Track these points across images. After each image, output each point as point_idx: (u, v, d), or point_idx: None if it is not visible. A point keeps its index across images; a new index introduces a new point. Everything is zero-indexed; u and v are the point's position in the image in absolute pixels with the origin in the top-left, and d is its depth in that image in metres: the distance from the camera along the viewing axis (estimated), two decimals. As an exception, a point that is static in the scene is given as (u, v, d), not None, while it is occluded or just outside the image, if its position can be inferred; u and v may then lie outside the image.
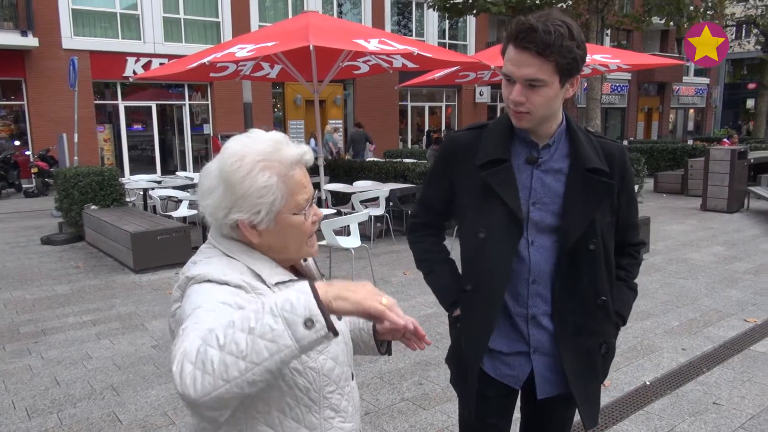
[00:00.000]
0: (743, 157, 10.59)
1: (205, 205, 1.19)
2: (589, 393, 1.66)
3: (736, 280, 6.03)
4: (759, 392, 3.54)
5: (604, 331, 1.65)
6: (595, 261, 1.59)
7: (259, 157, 1.16)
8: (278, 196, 1.17)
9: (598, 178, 1.57)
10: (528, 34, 1.42)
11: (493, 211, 1.59)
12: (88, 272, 6.74)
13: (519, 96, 1.48)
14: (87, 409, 3.45)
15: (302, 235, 1.23)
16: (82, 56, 14.86)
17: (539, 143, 1.60)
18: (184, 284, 1.15)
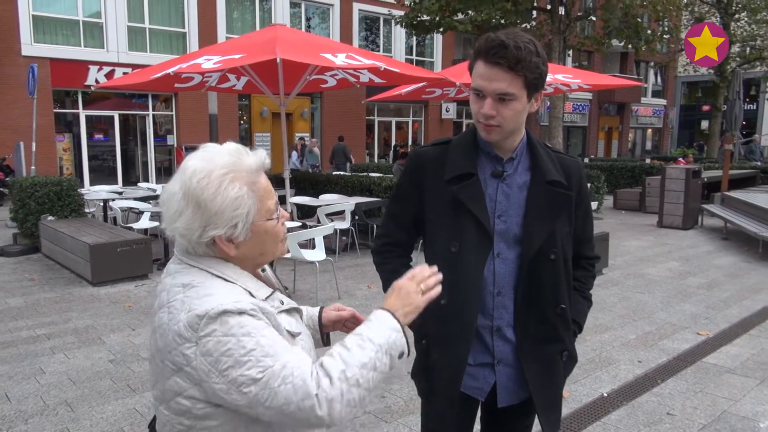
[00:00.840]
0: (697, 176, 10.98)
1: (174, 228, 1.16)
2: (550, 400, 1.70)
3: (690, 295, 6.23)
4: (710, 403, 3.66)
5: (564, 338, 1.70)
6: (556, 270, 1.64)
7: (224, 170, 1.15)
8: (251, 205, 1.17)
9: (558, 190, 1.63)
10: (499, 50, 1.47)
11: (464, 224, 1.62)
12: (43, 285, 6.54)
13: (490, 110, 1.52)
14: (39, 425, 3.34)
15: (276, 238, 1.25)
16: (42, 63, 14.52)
17: (503, 157, 1.65)
18: (196, 323, 1.09)
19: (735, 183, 13.18)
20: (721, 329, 5.09)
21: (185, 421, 1.17)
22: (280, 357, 1.09)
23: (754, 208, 9.21)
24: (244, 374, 1.07)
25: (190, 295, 1.13)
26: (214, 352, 1.08)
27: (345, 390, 1.11)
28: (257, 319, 1.12)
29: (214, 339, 1.08)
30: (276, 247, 1.27)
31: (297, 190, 10.52)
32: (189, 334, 1.09)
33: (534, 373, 1.66)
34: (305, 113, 20.37)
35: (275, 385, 1.07)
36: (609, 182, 15.53)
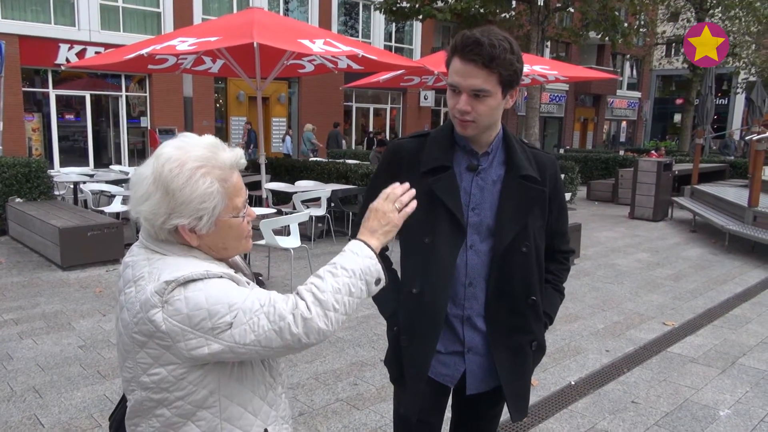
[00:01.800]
0: (668, 169, 11.19)
1: (140, 211, 1.17)
2: (519, 388, 1.75)
3: (658, 286, 6.38)
4: (673, 392, 3.77)
5: (533, 329, 1.74)
6: (528, 263, 1.68)
7: (198, 163, 1.16)
8: (219, 201, 1.18)
9: (531, 185, 1.67)
10: (474, 47, 1.50)
11: (438, 217, 1.65)
12: (11, 268, 6.41)
13: (465, 105, 1.56)
14: (6, 412, 3.30)
15: (240, 234, 1.27)
16: (10, 40, 14.08)
17: (479, 151, 1.69)
18: (163, 288, 1.11)
19: (705, 176, 13.47)
20: (687, 320, 5.23)
21: (154, 396, 1.18)
22: (249, 297, 1.15)
23: (722, 202, 9.44)
24: (218, 322, 1.11)
25: (158, 266, 1.16)
26: (184, 309, 1.11)
27: (320, 313, 1.17)
28: (225, 280, 1.16)
29: (182, 299, 1.11)
30: (239, 243, 1.28)
31: (273, 175, 10.45)
32: (155, 300, 1.12)
33: (504, 362, 1.70)
34: (282, 98, 20.17)
35: (246, 319, 1.12)
36: (583, 173, 15.74)
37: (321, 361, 4.11)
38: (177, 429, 1.21)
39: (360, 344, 4.43)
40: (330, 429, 3.19)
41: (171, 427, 1.21)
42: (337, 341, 4.49)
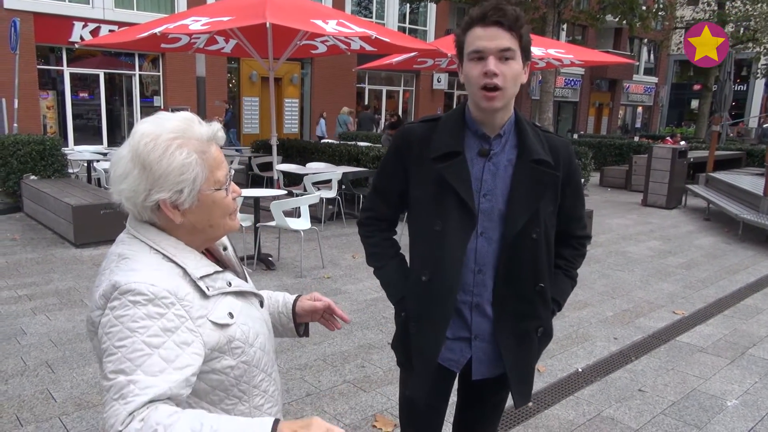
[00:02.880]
0: (683, 156, 11.05)
1: (121, 190, 1.15)
2: (523, 373, 1.74)
3: (669, 274, 6.34)
4: (681, 380, 3.76)
5: (541, 315, 1.73)
6: (537, 249, 1.66)
7: (173, 134, 1.14)
8: (199, 172, 1.15)
9: (543, 170, 1.64)
10: (497, 11, 1.51)
11: (448, 203, 1.63)
12: (25, 245, 6.50)
13: (495, 67, 1.51)
14: (19, 386, 3.36)
15: (225, 210, 1.23)
16: (25, 18, 14.11)
17: (490, 135, 1.65)
18: (109, 292, 1.08)
19: (721, 164, 13.30)
20: (697, 309, 5.20)
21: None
22: (137, 374, 1.01)
23: (737, 190, 9.32)
24: (106, 363, 1.04)
25: (120, 266, 1.13)
26: (104, 326, 1.07)
27: None
28: (160, 315, 1.07)
29: (110, 316, 1.07)
30: (224, 221, 1.24)
31: (284, 157, 10.45)
32: (101, 302, 1.10)
33: (509, 348, 1.70)
34: (295, 78, 20.10)
35: (112, 395, 1.01)
36: (596, 159, 15.58)
37: (329, 342, 4.14)
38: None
39: (368, 327, 4.45)
40: (336, 410, 3.22)
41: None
42: (345, 324, 4.51)
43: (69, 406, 3.15)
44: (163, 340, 1.05)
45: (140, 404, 0.99)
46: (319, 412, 3.19)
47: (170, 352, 1.05)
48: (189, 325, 1.10)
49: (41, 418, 3.04)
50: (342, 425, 3.08)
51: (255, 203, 6.08)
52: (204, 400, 1.19)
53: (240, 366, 1.20)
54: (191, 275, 1.16)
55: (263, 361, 1.27)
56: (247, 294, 1.28)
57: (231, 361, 1.18)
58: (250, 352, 1.22)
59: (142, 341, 1.04)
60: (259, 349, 1.25)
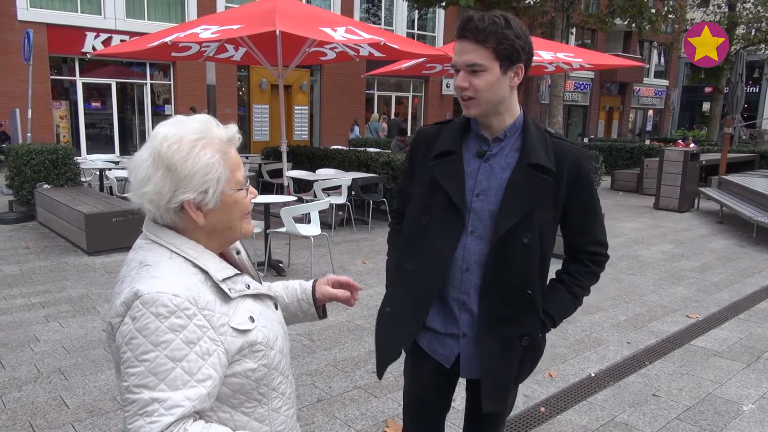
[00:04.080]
0: (695, 159, 10.96)
1: (143, 193, 1.15)
2: (498, 379, 1.70)
3: (682, 278, 6.28)
4: (696, 385, 3.72)
5: (527, 323, 1.69)
6: (528, 255, 1.64)
7: (197, 135, 1.15)
8: (222, 173, 1.16)
9: (538, 174, 1.62)
10: (466, 24, 1.57)
11: (436, 199, 1.69)
12: (38, 253, 6.56)
13: (462, 81, 1.60)
14: (32, 392, 3.39)
15: (244, 211, 1.25)
16: (38, 29, 14.31)
17: (489, 137, 1.69)
18: (131, 300, 1.08)
19: (733, 167, 13.18)
20: (711, 313, 5.14)
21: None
22: (162, 390, 1.05)
23: (751, 193, 9.22)
24: (128, 377, 1.06)
25: (141, 274, 1.13)
26: (125, 337, 1.07)
27: None
28: (182, 327, 1.08)
29: (131, 326, 1.07)
30: (242, 222, 1.25)
31: (294, 164, 10.49)
32: (122, 309, 1.10)
33: (488, 350, 1.69)
34: (304, 86, 20.20)
35: (135, 410, 1.05)
36: (607, 163, 15.49)
37: (340, 348, 4.13)
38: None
39: (379, 332, 4.44)
40: (347, 416, 3.21)
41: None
42: (356, 329, 4.51)
43: (81, 413, 3.17)
44: (186, 352, 1.07)
45: (166, 424, 1.03)
46: (330, 418, 3.18)
47: (193, 365, 1.07)
48: (210, 334, 1.12)
49: (54, 424, 3.05)
50: (353, 431, 3.07)
51: (265, 209, 6.10)
52: (225, 404, 1.19)
53: (261, 369, 1.21)
54: (213, 278, 1.17)
55: (282, 364, 1.28)
56: (263, 297, 1.29)
57: (252, 364, 1.19)
58: (271, 355, 1.23)
59: (165, 356, 1.06)
60: (278, 351, 1.26)
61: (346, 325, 4.62)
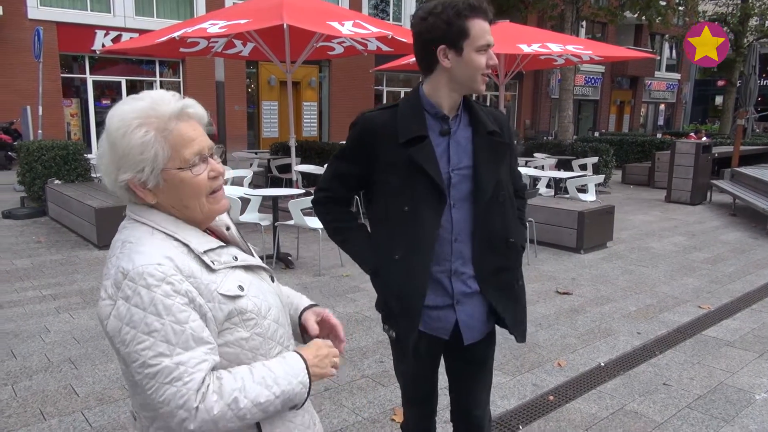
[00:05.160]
0: (707, 152, 10.84)
1: (100, 167, 1.19)
2: (517, 316, 1.89)
3: (694, 269, 6.21)
4: (707, 374, 3.68)
5: (515, 267, 1.89)
6: (505, 209, 1.83)
7: (134, 114, 1.15)
8: (159, 151, 1.14)
9: (498, 140, 1.81)
10: (486, 6, 1.68)
11: (418, 184, 1.73)
12: (50, 247, 6.61)
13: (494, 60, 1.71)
14: (43, 381, 3.41)
15: (198, 191, 1.19)
16: (48, 27, 14.41)
17: (449, 115, 1.79)
18: (119, 280, 1.09)
19: (746, 159, 13.03)
20: (723, 303, 5.09)
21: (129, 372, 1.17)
22: (179, 353, 1.07)
23: (764, 185, 9.11)
24: (139, 353, 1.06)
25: (124, 252, 1.13)
26: (123, 318, 1.07)
27: (227, 416, 1.10)
28: (176, 292, 1.09)
29: (127, 305, 1.07)
30: (200, 201, 1.21)
31: (303, 158, 10.50)
32: (112, 291, 1.10)
33: (498, 298, 1.84)
34: (313, 82, 20.20)
35: (162, 380, 1.06)
36: (618, 156, 15.37)
37: (348, 338, 4.13)
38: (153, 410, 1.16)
39: (387, 323, 4.43)
40: (355, 404, 3.21)
41: (146, 408, 1.18)
42: (364, 320, 4.51)
43: (91, 401, 3.19)
44: (188, 313, 1.09)
45: (200, 380, 1.07)
46: (337, 406, 3.18)
47: (197, 324, 1.10)
48: (200, 300, 1.12)
49: (64, 412, 3.08)
50: (361, 419, 3.06)
51: (273, 203, 6.11)
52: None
53: (254, 338, 1.20)
54: (194, 250, 1.16)
55: (278, 334, 1.27)
56: (255, 268, 1.28)
57: (244, 332, 1.19)
58: (264, 324, 1.22)
59: (170, 321, 1.07)
60: (273, 321, 1.25)
61: (354, 316, 4.61)
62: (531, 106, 27.51)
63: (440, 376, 2.02)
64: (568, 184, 7.99)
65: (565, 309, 4.89)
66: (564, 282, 5.66)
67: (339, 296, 5.08)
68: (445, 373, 2.05)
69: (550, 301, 5.08)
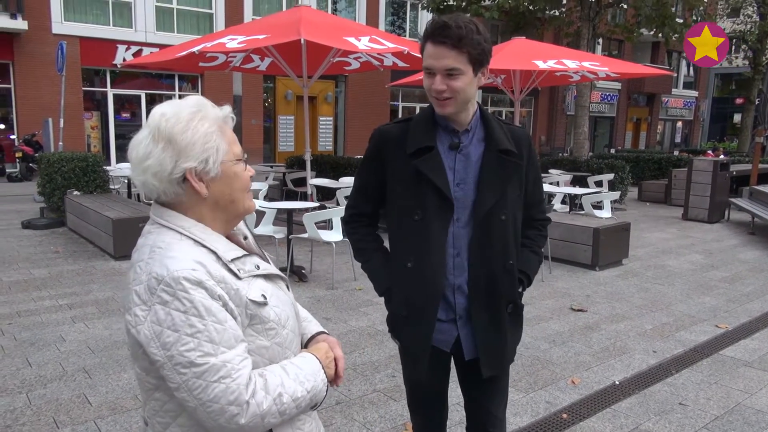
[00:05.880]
0: (725, 169, 10.73)
1: (146, 167, 1.16)
2: (493, 345, 1.86)
3: (711, 288, 6.12)
4: (724, 395, 3.61)
5: (510, 292, 1.86)
6: (506, 230, 1.81)
7: (193, 109, 1.19)
8: (220, 143, 1.20)
9: (509, 158, 1.80)
10: (443, 30, 1.64)
11: (426, 194, 1.77)
12: (67, 257, 6.70)
13: (440, 85, 1.69)
14: (57, 390, 3.44)
15: (245, 185, 1.27)
16: (71, 42, 14.74)
17: (459, 130, 1.81)
18: (154, 285, 1.10)
19: (765, 177, 12.86)
20: (741, 323, 5.00)
21: (151, 380, 1.18)
22: (224, 352, 1.10)
23: (783, 203, 8.99)
24: (184, 354, 1.07)
25: (154, 257, 1.14)
26: (162, 322, 1.08)
27: (272, 411, 1.14)
28: (211, 296, 1.11)
29: (166, 309, 1.08)
30: (244, 195, 1.27)
31: (318, 172, 10.57)
32: (146, 297, 1.11)
33: (481, 324, 1.83)
34: (329, 97, 20.37)
35: (211, 378, 1.08)
36: (634, 173, 15.26)
37: (360, 352, 4.12)
38: (172, 417, 1.19)
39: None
40: (366, 418, 3.20)
41: (167, 414, 1.19)
42: (377, 334, 4.50)
43: (104, 410, 3.21)
44: (225, 314, 1.13)
45: (247, 376, 1.11)
46: (348, 420, 3.17)
47: (232, 323, 1.14)
48: (231, 305, 1.16)
49: (77, 420, 3.10)
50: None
51: (288, 216, 6.14)
52: None
53: (273, 347, 1.23)
54: (222, 258, 1.18)
55: (294, 343, 1.29)
56: (274, 278, 1.30)
57: (266, 341, 1.21)
58: (283, 334, 1.25)
59: (212, 322, 1.10)
60: (290, 331, 1.28)
61: (367, 330, 4.60)
62: (546, 122, 27.47)
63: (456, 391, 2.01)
64: (584, 200, 7.95)
65: (579, 326, 4.84)
66: (579, 299, 5.61)
67: (352, 310, 5.08)
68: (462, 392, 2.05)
69: (565, 318, 5.03)
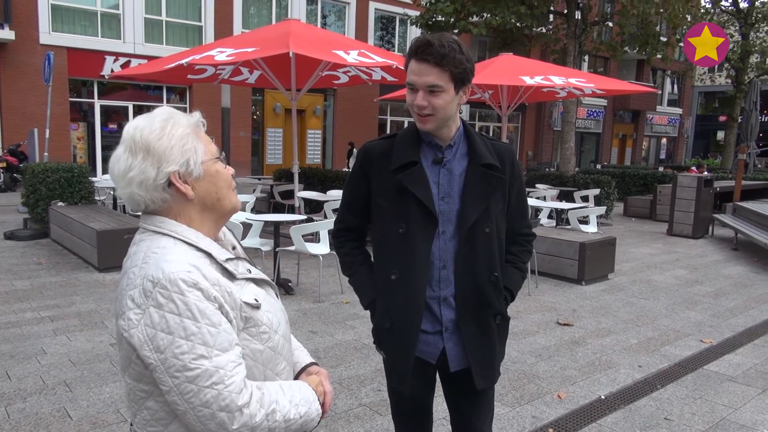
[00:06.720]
0: (709, 186, 10.87)
1: (129, 180, 1.17)
2: (484, 356, 1.88)
3: (696, 303, 6.17)
4: (709, 410, 3.62)
5: (496, 304, 1.88)
6: (490, 243, 1.84)
7: (165, 116, 1.21)
8: (197, 144, 1.22)
9: (492, 173, 1.84)
10: (426, 48, 1.69)
11: (410, 208, 1.81)
12: (50, 269, 6.61)
13: (422, 101, 1.74)
14: (37, 404, 3.38)
15: (228, 181, 1.28)
16: (59, 52, 14.67)
17: (443, 145, 1.85)
18: (149, 288, 1.10)
19: (748, 194, 13.05)
20: (725, 337, 5.04)
21: (144, 387, 1.17)
22: (218, 354, 1.10)
23: (767, 219, 9.11)
24: (178, 357, 1.07)
25: (149, 262, 1.14)
26: (156, 325, 1.08)
27: (263, 426, 1.14)
28: (207, 298, 1.12)
29: (160, 312, 1.08)
30: (230, 193, 1.29)
31: (306, 185, 10.55)
32: (140, 300, 1.10)
33: (471, 334, 1.85)
34: (318, 110, 20.42)
35: (203, 383, 1.08)
36: (620, 189, 15.41)
37: (345, 366, 4.09)
38: (164, 425, 1.18)
39: (385, 351, 4.40)
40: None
41: (159, 422, 1.18)
42: (363, 348, 4.47)
43: (85, 425, 3.15)
44: (220, 317, 1.13)
45: (240, 383, 1.11)
46: (333, 435, 3.14)
47: (227, 326, 1.14)
48: (226, 307, 1.16)
49: (57, 435, 3.04)
50: (357, 448, 3.01)
51: (275, 228, 6.12)
52: None
53: (267, 351, 1.24)
54: (217, 259, 1.20)
55: (285, 349, 1.31)
56: (264, 284, 1.31)
57: (259, 345, 1.22)
58: (275, 339, 1.26)
59: (206, 324, 1.10)
60: (282, 336, 1.29)
61: (353, 343, 4.58)
62: (533, 137, 27.71)
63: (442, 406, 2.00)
64: (570, 215, 8.00)
65: (565, 340, 4.85)
66: (565, 313, 5.63)
67: (338, 323, 5.05)
68: (447, 405, 2.05)
69: (551, 332, 5.04)
